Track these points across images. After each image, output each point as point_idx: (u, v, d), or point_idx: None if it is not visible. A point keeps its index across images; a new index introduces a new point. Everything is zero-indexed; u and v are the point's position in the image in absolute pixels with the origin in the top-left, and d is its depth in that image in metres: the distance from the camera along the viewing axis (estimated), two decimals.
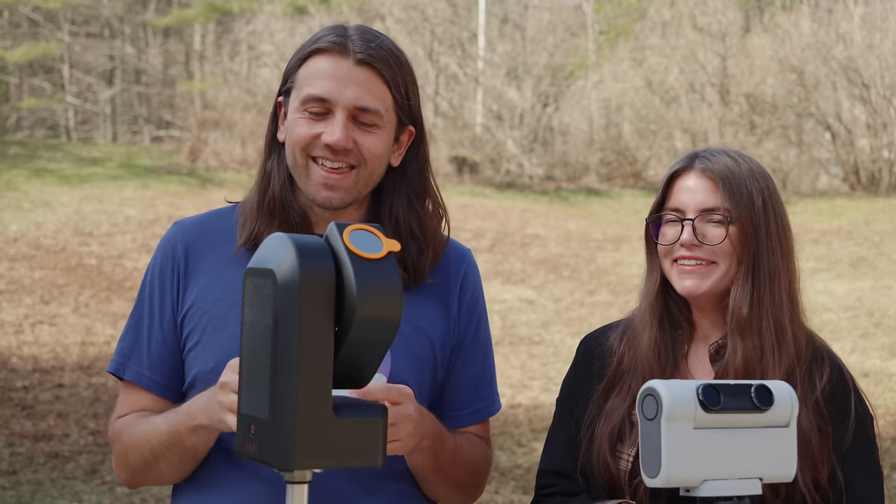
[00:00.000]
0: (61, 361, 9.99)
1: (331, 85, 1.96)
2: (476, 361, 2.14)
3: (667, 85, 24.18)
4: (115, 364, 2.08)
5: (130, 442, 2.01)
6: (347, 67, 1.97)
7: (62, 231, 15.42)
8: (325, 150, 1.96)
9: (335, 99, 1.96)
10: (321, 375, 1.36)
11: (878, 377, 10.27)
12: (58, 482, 6.94)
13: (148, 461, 1.99)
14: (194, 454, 1.94)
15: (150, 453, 1.97)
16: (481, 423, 2.15)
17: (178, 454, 1.94)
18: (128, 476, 2.06)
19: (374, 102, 1.98)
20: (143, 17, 32.42)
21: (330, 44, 1.99)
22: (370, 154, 1.98)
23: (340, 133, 1.95)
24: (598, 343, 2.23)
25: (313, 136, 1.97)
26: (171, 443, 1.93)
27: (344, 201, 1.99)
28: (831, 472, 2.04)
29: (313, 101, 1.97)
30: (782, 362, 2.06)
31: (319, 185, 1.97)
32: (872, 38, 22.65)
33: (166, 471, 2.00)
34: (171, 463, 1.97)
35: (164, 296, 2.05)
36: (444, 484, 2.05)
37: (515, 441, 8.30)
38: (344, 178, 1.97)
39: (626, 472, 2.08)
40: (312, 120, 1.97)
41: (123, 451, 2.04)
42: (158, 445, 1.95)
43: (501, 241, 16.61)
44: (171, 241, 2.08)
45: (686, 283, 2.09)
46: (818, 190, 22.48)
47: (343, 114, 1.96)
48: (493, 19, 25.63)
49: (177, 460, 1.96)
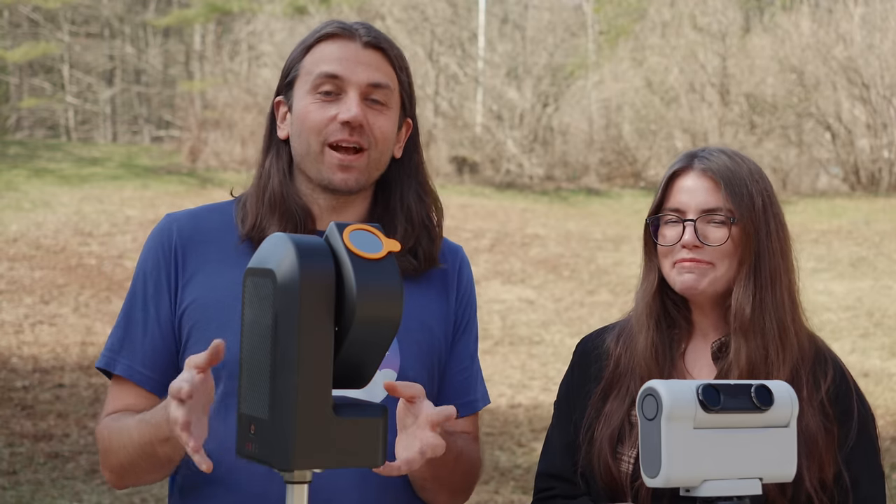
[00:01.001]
0: (61, 361, 10.00)
1: (342, 64, 1.98)
2: (466, 354, 2.13)
3: (667, 85, 24.18)
4: (106, 359, 2.02)
5: (110, 445, 1.98)
6: (356, 49, 2.00)
7: (62, 231, 15.42)
8: (342, 131, 1.96)
9: (348, 77, 1.98)
10: (321, 375, 1.36)
11: (878, 377, 10.28)
12: (58, 482, 6.94)
13: (125, 466, 1.96)
14: (169, 462, 1.90)
15: (127, 459, 1.94)
16: (471, 418, 2.13)
17: (152, 463, 1.90)
18: (111, 477, 2.03)
19: (385, 78, 2.00)
20: (143, 17, 32.43)
21: (336, 29, 2.02)
22: (381, 134, 1.99)
23: (357, 109, 1.96)
24: (595, 345, 2.23)
25: (328, 118, 1.97)
26: (145, 453, 1.89)
27: (359, 182, 1.99)
28: (837, 472, 2.04)
29: (326, 80, 1.98)
30: (786, 362, 2.06)
31: (335, 168, 1.97)
32: (872, 38, 22.65)
33: (145, 476, 1.97)
34: (147, 470, 1.94)
35: (159, 290, 2.01)
36: (441, 492, 2.03)
37: (515, 441, 8.30)
38: (358, 159, 1.98)
39: (628, 473, 2.07)
40: (325, 102, 1.98)
41: (105, 452, 2.00)
42: (133, 453, 1.91)
43: (501, 241, 16.61)
44: (164, 232, 2.05)
45: (687, 282, 2.08)
46: (818, 190, 22.48)
47: (356, 91, 1.97)
48: (493, 19, 25.63)
49: (152, 468, 1.93)
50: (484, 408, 2.20)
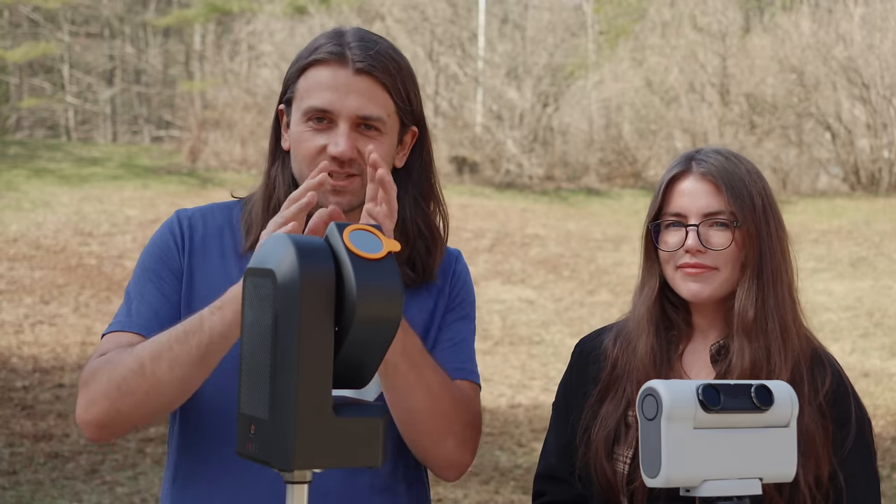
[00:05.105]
0: (61, 361, 10.00)
1: (332, 96, 1.97)
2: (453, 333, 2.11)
3: (667, 85, 24.19)
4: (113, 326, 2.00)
5: (118, 359, 1.88)
6: (347, 77, 1.98)
7: (62, 231, 15.43)
8: (332, 164, 1.96)
9: (337, 110, 1.97)
10: (321, 375, 1.36)
11: (878, 377, 10.27)
12: (58, 482, 6.94)
13: (130, 372, 1.84)
14: (208, 346, 1.80)
15: (149, 356, 1.84)
16: (468, 384, 2.08)
17: (188, 347, 1.81)
18: (98, 412, 1.90)
19: (377, 110, 1.98)
20: (143, 17, 32.44)
21: (328, 54, 1.99)
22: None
23: (345, 144, 1.96)
24: (593, 347, 2.23)
25: (318, 149, 1.97)
26: (186, 332, 1.81)
27: (352, 203, 1.99)
28: (832, 471, 2.05)
29: (315, 113, 1.98)
30: (788, 361, 2.06)
31: (327, 193, 1.97)
32: (872, 38, 22.66)
33: (165, 374, 1.83)
34: (173, 363, 1.82)
35: (170, 269, 2.02)
36: (419, 386, 1.92)
37: (515, 441, 8.30)
38: (350, 184, 1.98)
39: (624, 474, 2.08)
40: (316, 131, 1.98)
41: (104, 374, 1.88)
42: (166, 341, 1.83)
43: (501, 241, 16.62)
44: (175, 225, 2.07)
45: (693, 290, 2.08)
46: (818, 190, 22.49)
47: (346, 124, 1.97)
48: (493, 19, 25.63)
49: (184, 356, 1.82)
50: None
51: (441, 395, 1.97)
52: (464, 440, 2.02)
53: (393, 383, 1.92)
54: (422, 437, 2.00)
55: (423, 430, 1.99)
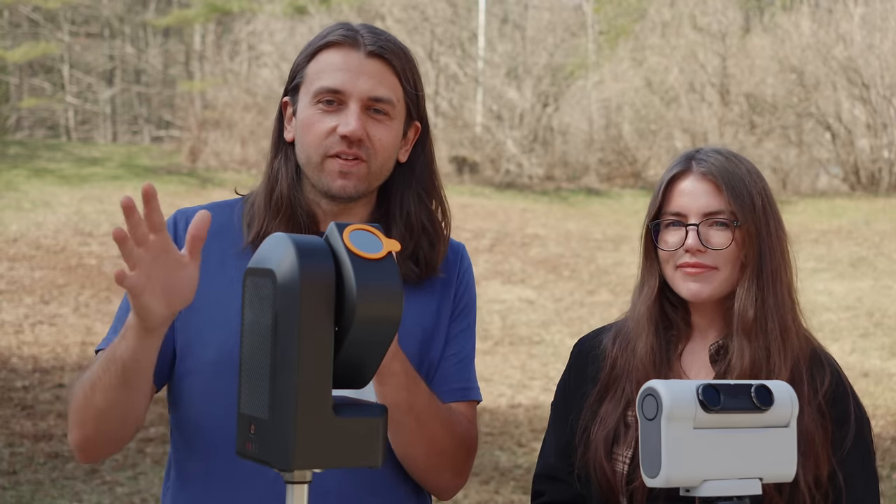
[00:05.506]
0: (61, 361, 10.00)
1: (344, 76, 1.98)
2: (461, 342, 2.12)
3: (667, 85, 24.19)
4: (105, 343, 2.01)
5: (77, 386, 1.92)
6: (359, 59, 1.99)
7: (62, 231, 15.43)
8: (341, 143, 1.97)
9: (349, 90, 1.98)
10: (321, 375, 1.36)
11: (878, 377, 10.27)
12: (58, 482, 6.94)
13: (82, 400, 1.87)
14: (124, 372, 1.80)
15: (89, 386, 1.86)
16: (467, 404, 2.10)
17: (110, 374, 1.82)
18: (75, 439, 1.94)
19: (387, 92, 2.00)
20: (143, 17, 32.43)
21: (341, 37, 2.01)
22: (381, 145, 1.99)
23: (356, 123, 1.96)
24: (592, 346, 2.23)
25: (328, 129, 1.98)
26: (107, 359, 1.82)
27: (358, 189, 1.99)
28: (831, 470, 2.05)
29: (327, 93, 1.98)
30: (787, 361, 2.06)
31: (334, 175, 1.98)
32: (872, 38, 22.66)
33: (101, 403, 1.85)
34: (105, 391, 1.83)
35: None
36: (422, 439, 1.95)
37: (515, 441, 8.29)
38: (357, 165, 1.98)
39: (623, 474, 2.08)
40: (326, 112, 1.99)
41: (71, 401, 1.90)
42: (98, 369, 1.85)
43: (501, 241, 16.62)
44: (172, 226, 2.07)
45: (693, 290, 2.08)
46: (818, 190, 22.49)
47: (357, 104, 1.98)
48: (493, 19, 25.64)
49: (108, 382, 1.82)
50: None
51: (442, 440, 1.99)
52: (460, 471, 2.06)
53: (397, 437, 1.95)
54: (418, 470, 2.02)
55: (421, 466, 2.01)
